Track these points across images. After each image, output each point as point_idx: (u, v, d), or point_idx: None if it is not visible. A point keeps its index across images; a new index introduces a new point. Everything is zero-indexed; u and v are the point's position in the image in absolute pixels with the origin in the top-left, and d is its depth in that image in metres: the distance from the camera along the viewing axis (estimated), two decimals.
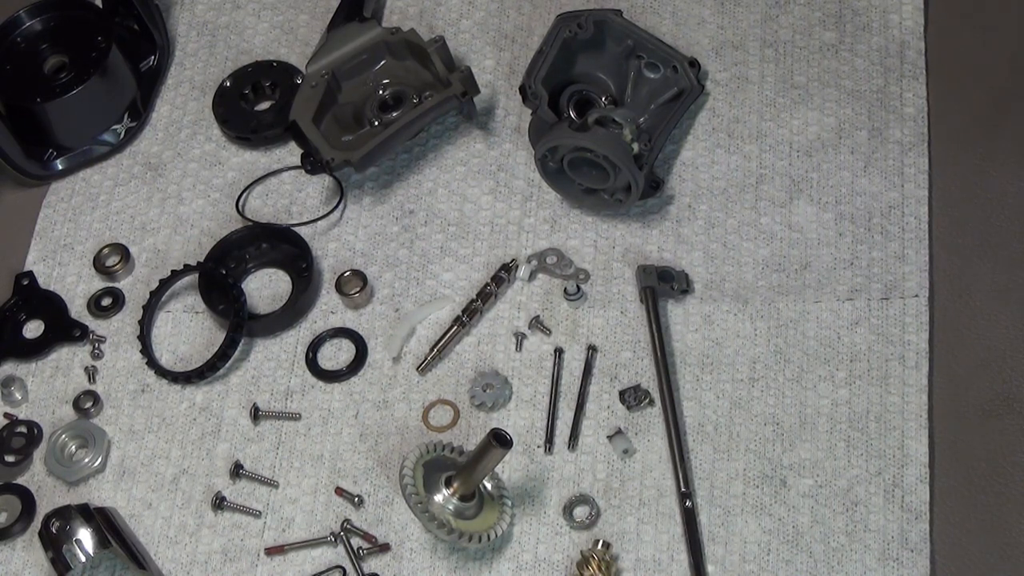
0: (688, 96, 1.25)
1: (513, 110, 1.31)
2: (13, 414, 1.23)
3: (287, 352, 1.22)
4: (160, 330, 1.26)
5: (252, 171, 1.33)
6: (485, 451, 1.03)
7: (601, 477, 1.11)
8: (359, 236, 1.27)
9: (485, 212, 1.26)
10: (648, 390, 1.14)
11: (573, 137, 1.17)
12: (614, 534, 1.08)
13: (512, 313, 1.20)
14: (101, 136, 1.37)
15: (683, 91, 1.24)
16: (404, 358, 1.20)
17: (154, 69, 1.40)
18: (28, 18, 1.40)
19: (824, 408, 1.10)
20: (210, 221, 1.31)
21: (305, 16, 1.43)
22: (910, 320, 1.13)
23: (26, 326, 1.28)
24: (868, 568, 1.04)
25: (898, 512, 1.05)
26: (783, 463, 1.09)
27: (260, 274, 1.28)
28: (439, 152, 1.30)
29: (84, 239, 1.32)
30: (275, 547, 1.13)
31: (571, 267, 1.21)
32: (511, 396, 1.16)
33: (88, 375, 1.24)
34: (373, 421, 1.17)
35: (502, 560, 1.09)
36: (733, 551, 1.06)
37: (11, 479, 1.19)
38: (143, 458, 1.19)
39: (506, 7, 1.38)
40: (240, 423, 1.19)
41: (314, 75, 1.30)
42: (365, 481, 1.15)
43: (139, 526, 1.16)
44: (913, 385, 1.10)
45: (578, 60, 1.25)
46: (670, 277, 1.17)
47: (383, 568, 1.10)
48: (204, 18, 1.45)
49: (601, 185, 1.19)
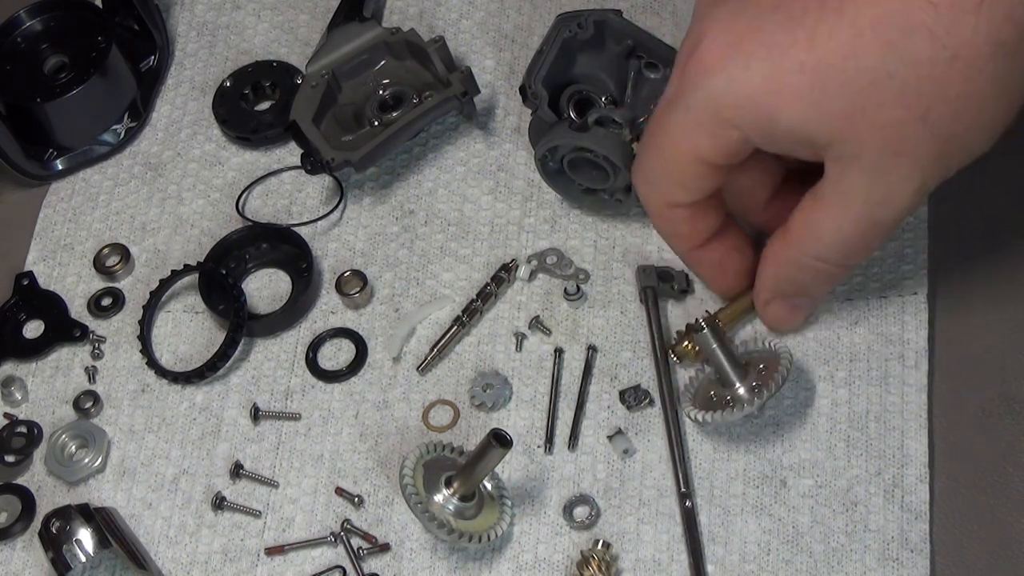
0: None
1: (513, 110, 1.31)
2: (13, 414, 1.23)
3: (287, 352, 1.22)
4: (160, 330, 1.26)
5: (252, 171, 1.33)
6: (485, 451, 1.04)
7: (601, 477, 1.11)
8: (359, 236, 1.28)
9: (485, 212, 1.26)
10: (648, 390, 1.14)
11: (573, 137, 1.17)
12: (614, 534, 1.08)
13: (512, 313, 1.21)
14: (101, 136, 1.37)
15: None
16: (404, 358, 1.20)
17: (154, 69, 1.41)
18: (28, 18, 1.40)
19: (824, 408, 1.10)
20: (210, 221, 1.31)
21: (305, 16, 1.43)
22: (910, 319, 1.13)
23: (26, 326, 1.28)
24: (868, 568, 1.04)
25: (898, 512, 1.05)
26: (783, 463, 1.09)
27: (260, 274, 1.28)
28: (439, 152, 1.31)
29: (84, 239, 1.32)
30: (275, 547, 1.13)
31: (571, 267, 1.21)
32: (511, 396, 1.16)
33: (88, 375, 1.24)
34: (373, 421, 1.17)
35: (502, 560, 1.09)
36: (733, 551, 1.06)
37: (11, 479, 1.20)
38: (143, 458, 1.19)
39: (506, 7, 1.38)
40: (240, 423, 1.19)
41: (314, 75, 1.30)
42: (365, 481, 1.15)
43: (139, 526, 1.16)
44: (913, 385, 1.10)
45: (578, 60, 1.25)
46: (670, 277, 1.17)
47: (383, 568, 1.11)
48: (204, 18, 1.45)
49: (601, 185, 1.19)
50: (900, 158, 0.95)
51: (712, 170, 1.02)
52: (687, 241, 1.10)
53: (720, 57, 0.97)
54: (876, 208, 0.98)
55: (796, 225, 1.03)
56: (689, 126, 1.00)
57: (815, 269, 1.04)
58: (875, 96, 0.92)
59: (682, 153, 1.02)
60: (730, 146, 1.00)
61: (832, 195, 0.99)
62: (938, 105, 0.92)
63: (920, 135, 0.94)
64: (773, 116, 0.96)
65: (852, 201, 0.98)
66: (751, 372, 1.08)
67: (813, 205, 1.01)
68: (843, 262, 1.04)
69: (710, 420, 1.07)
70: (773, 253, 1.07)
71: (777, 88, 0.95)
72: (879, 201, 0.97)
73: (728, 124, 0.98)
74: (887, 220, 0.99)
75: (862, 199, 0.97)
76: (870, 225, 0.99)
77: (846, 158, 0.96)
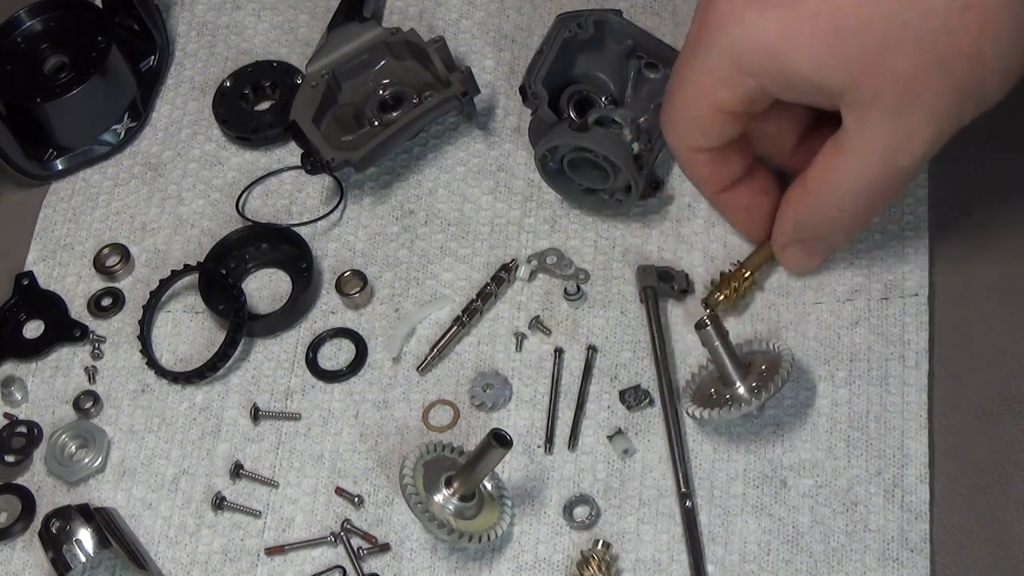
0: None
1: (513, 110, 1.31)
2: (13, 414, 1.23)
3: (287, 352, 1.22)
4: (160, 330, 1.26)
5: (252, 171, 1.33)
6: (485, 451, 1.04)
7: (601, 477, 1.11)
8: (359, 236, 1.27)
9: (485, 212, 1.26)
10: (648, 390, 1.14)
11: (573, 137, 1.17)
12: (614, 534, 1.08)
13: (512, 313, 1.21)
14: (101, 136, 1.37)
15: None
16: (404, 358, 1.20)
17: (154, 69, 1.41)
18: (28, 18, 1.40)
19: (824, 408, 1.10)
20: (210, 221, 1.31)
21: (305, 16, 1.43)
22: (910, 320, 1.13)
23: (26, 326, 1.28)
24: (868, 568, 1.04)
25: (898, 512, 1.05)
26: (783, 463, 1.09)
27: (260, 274, 1.28)
28: (439, 152, 1.30)
29: (84, 239, 1.32)
30: (275, 547, 1.13)
31: (571, 267, 1.21)
32: (511, 396, 1.16)
33: (88, 375, 1.24)
34: (373, 421, 1.17)
35: (502, 560, 1.09)
36: (733, 551, 1.06)
37: (11, 479, 1.19)
38: (143, 458, 1.19)
39: (506, 7, 1.38)
40: (240, 423, 1.19)
41: (314, 75, 1.30)
42: (365, 481, 1.15)
43: (139, 526, 1.16)
44: (913, 385, 1.10)
45: (578, 60, 1.25)
46: (670, 277, 1.17)
47: (383, 568, 1.11)
48: (204, 18, 1.45)
49: (601, 185, 1.19)
50: (916, 107, 0.96)
51: (732, 118, 1.04)
52: (712, 185, 1.12)
53: (737, 7, 0.98)
54: (893, 156, 0.99)
55: (815, 173, 1.04)
56: (707, 76, 1.02)
57: (833, 217, 1.06)
58: (890, 44, 0.93)
59: (701, 102, 1.04)
60: (748, 95, 1.01)
61: (849, 144, 1.00)
62: (953, 54, 0.93)
63: (936, 83, 0.95)
64: (789, 64, 0.97)
65: (869, 150, 0.99)
66: (752, 372, 1.08)
67: (831, 153, 1.02)
68: (860, 210, 1.05)
69: (708, 417, 1.07)
70: (792, 199, 1.08)
71: (792, 36, 0.96)
72: (896, 149, 0.98)
73: (745, 73, 1.00)
74: (904, 168, 1.00)
75: (879, 148, 0.98)
76: (887, 173, 1.00)
77: (862, 106, 0.97)
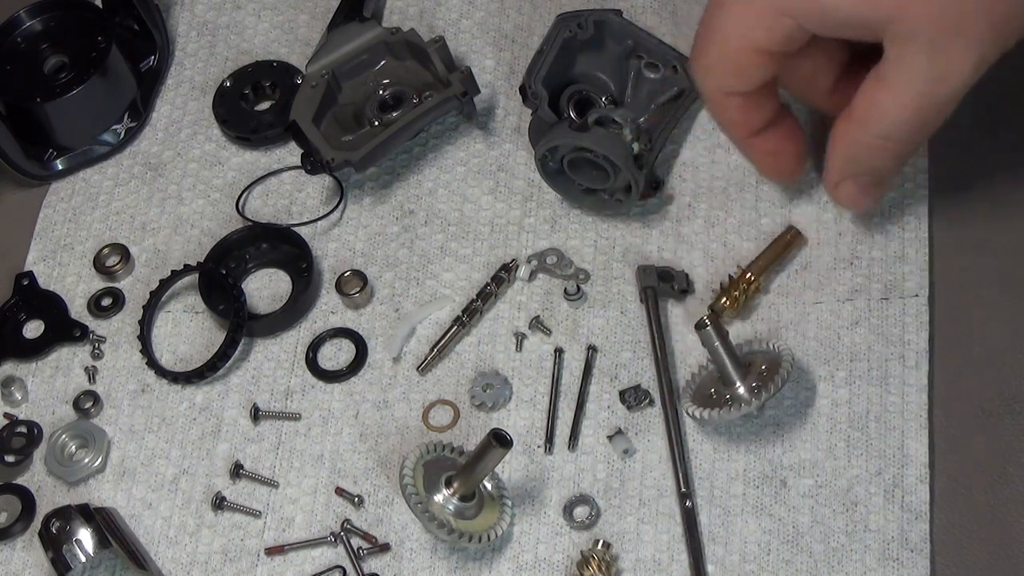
0: (688, 96, 1.25)
1: (513, 110, 1.31)
2: (13, 414, 1.23)
3: (287, 352, 1.22)
4: (160, 330, 1.26)
5: (252, 171, 1.33)
6: (485, 451, 1.04)
7: (601, 477, 1.11)
8: (359, 236, 1.27)
9: (485, 212, 1.26)
10: (648, 390, 1.14)
11: (573, 137, 1.17)
12: (614, 534, 1.08)
13: (512, 313, 1.20)
14: (101, 136, 1.37)
15: (683, 91, 1.24)
16: (404, 358, 1.20)
17: (154, 69, 1.41)
18: (28, 18, 1.40)
19: (824, 408, 1.10)
20: (210, 221, 1.31)
21: (305, 16, 1.43)
22: (910, 320, 1.13)
23: (26, 326, 1.28)
24: (868, 568, 1.04)
25: (898, 512, 1.05)
26: (783, 463, 1.09)
27: (260, 274, 1.28)
28: (439, 152, 1.30)
29: (84, 239, 1.32)
30: (275, 547, 1.13)
31: (571, 267, 1.21)
32: (511, 396, 1.16)
33: (88, 375, 1.24)
34: (373, 421, 1.17)
35: (502, 560, 1.09)
36: (733, 551, 1.06)
37: (11, 479, 1.20)
38: (143, 458, 1.19)
39: (506, 7, 1.38)
40: (240, 423, 1.19)
41: (314, 75, 1.30)
42: (365, 481, 1.15)
43: (139, 526, 1.16)
44: (913, 385, 1.10)
45: (578, 60, 1.25)
46: (670, 277, 1.17)
47: (383, 568, 1.11)
48: (204, 18, 1.45)
49: (601, 185, 1.19)
50: (957, 36, 0.97)
51: (768, 58, 1.05)
52: (741, 129, 1.12)
53: None
54: (936, 85, 1.00)
55: (860, 106, 1.04)
56: (744, 16, 1.03)
57: (881, 148, 1.06)
58: None
59: (738, 43, 1.04)
60: (785, 34, 1.02)
61: (892, 75, 1.00)
62: None
63: (976, 12, 0.96)
64: (827, 1, 0.98)
65: (912, 80, 1.00)
66: (752, 372, 1.08)
67: (875, 86, 1.02)
68: (908, 139, 1.06)
69: (708, 417, 1.07)
70: (839, 135, 1.08)
71: None
72: (939, 78, 0.99)
73: (782, 13, 1.01)
74: (948, 96, 1.01)
75: (922, 77, 0.99)
76: (931, 102, 1.01)
77: (903, 38, 0.98)
